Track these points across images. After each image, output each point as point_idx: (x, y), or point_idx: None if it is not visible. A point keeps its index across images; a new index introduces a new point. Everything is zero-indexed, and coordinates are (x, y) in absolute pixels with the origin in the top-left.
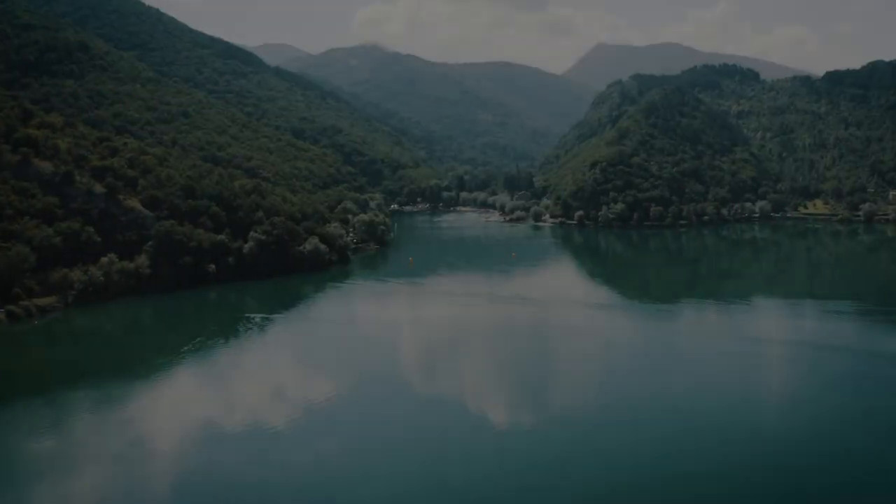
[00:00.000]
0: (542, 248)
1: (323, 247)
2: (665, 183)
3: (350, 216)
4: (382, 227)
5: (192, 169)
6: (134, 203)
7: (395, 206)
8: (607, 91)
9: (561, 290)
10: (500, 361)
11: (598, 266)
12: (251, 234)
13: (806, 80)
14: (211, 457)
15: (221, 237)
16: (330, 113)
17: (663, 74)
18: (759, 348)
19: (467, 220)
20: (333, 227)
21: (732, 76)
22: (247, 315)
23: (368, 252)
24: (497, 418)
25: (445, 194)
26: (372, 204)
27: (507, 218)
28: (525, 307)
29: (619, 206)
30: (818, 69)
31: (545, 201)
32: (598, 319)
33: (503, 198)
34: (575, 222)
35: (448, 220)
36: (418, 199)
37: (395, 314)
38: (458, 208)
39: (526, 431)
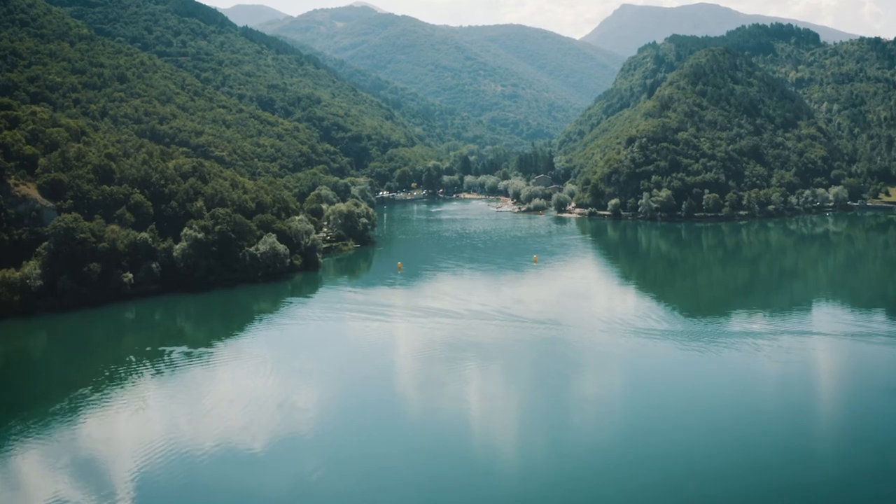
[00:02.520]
0: (570, 248)
1: (282, 247)
2: (719, 164)
3: (325, 206)
4: (364, 219)
5: (116, 145)
6: (29, 190)
7: (384, 193)
8: (639, 56)
9: (593, 306)
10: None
11: (639, 271)
12: (185, 230)
13: (876, 43)
14: None
15: (144, 235)
16: (307, 81)
17: (706, 36)
18: (823, 385)
19: (473, 211)
20: (298, 222)
21: (787, 38)
22: (163, 348)
23: (345, 252)
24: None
25: (446, 178)
26: (354, 190)
27: (523, 208)
28: (550, 333)
29: (664, 193)
30: (877, 35)
31: (569, 186)
32: (635, 349)
33: (517, 183)
34: (608, 213)
35: (449, 210)
36: (413, 185)
37: (368, 354)
38: (462, 195)
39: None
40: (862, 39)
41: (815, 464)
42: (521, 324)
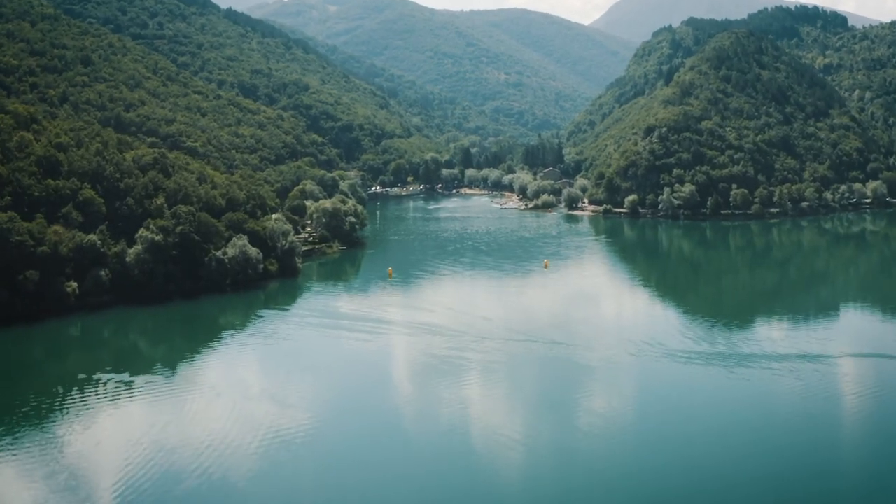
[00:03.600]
0: (584, 251)
1: (254, 251)
2: (747, 156)
3: (309, 203)
4: (352, 218)
5: (69, 134)
6: None
7: (376, 188)
8: (653, 40)
9: (609, 322)
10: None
11: (660, 279)
12: (140, 231)
13: None
14: None
15: (93, 238)
16: (294, 67)
17: (725, 19)
18: (857, 413)
19: (475, 208)
20: (274, 221)
21: (813, 22)
22: (110, 373)
23: (330, 255)
24: None
25: (445, 172)
26: (343, 185)
27: (530, 204)
28: (561, 354)
29: (688, 188)
30: None
31: (581, 181)
32: (654, 371)
33: (523, 177)
34: (625, 210)
35: (449, 206)
36: (409, 179)
37: (349, 383)
38: (463, 191)
39: None
40: (894, 23)
41: None
42: (530, 344)
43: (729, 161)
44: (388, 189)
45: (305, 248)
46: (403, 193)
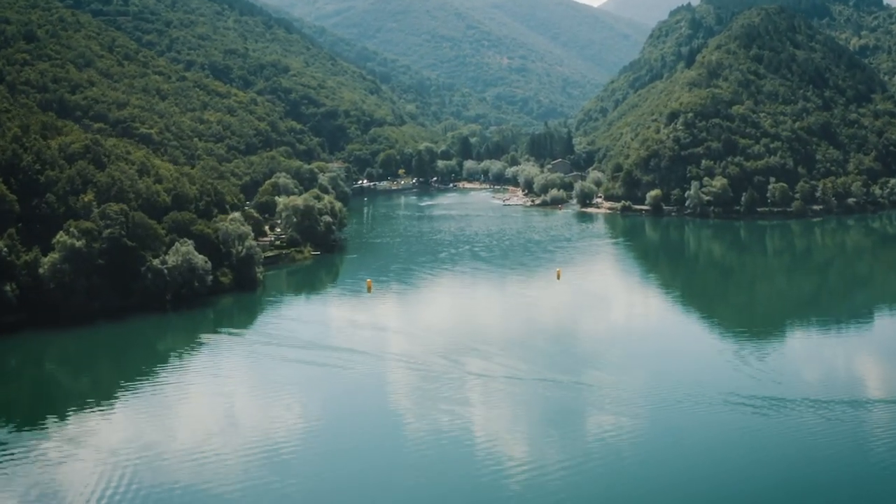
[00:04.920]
0: (601, 257)
1: (201, 259)
2: (785, 145)
3: (281, 199)
4: (328, 217)
5: None
6: None
7: (363, 182)
8: (671, 20)
9: (631, 357)
10: None
11: (693, 289)
12: (58, 237)
13: None
14: None
15: None
16: (274, 47)
17: None
18: None
19: (474, 204)
20: (229, 222)
21: (845, 0)
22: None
23: (300, 262)
24: None
25: (441, 164)
26: (323, 178)
27: (537, 200)
28: (572, 398)
29: (718, 182)
30: None
31: (595, 174)
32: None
33: (529, 169)
34: (647, 207)
35: (444, 203)
36: (400, 171)
37: (307, 436)
38: (461, 184)
39: None
40: None
41: None
42: (539, 385)
43: (765, 151)
44: (377, 183)
45: (270, 255)
46: (393, 188)
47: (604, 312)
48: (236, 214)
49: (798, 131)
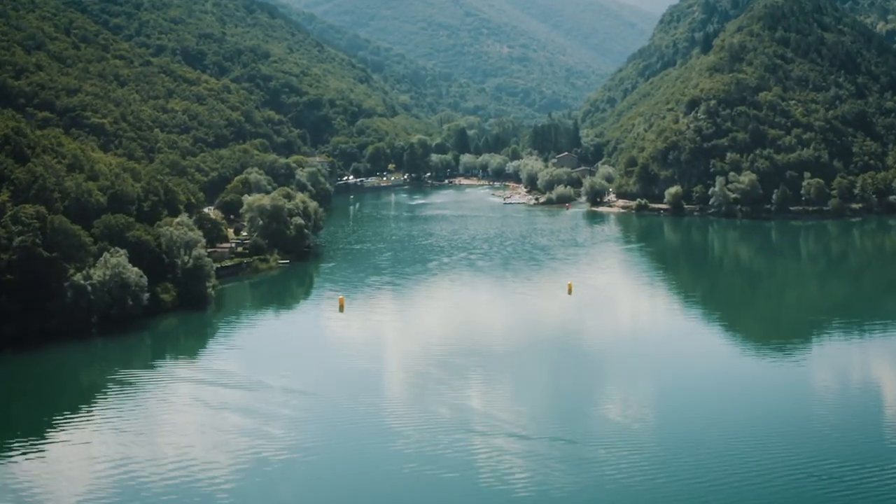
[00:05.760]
0: (616, 263)
1: (134, 273)
2: (819, 136)
3: (247, 198)
4: (299, 219)
5: None
6: None
7: (348, 178)
8: (682, 4)
9: (652, 405)
10: None
11: (715, 298)
12: None
13: None
14: None
15: None
16: (255, 32)
17: None
18: None
19: (472, 202)
20: (175, 227)
21: None
22: None
23: (265, 272)
24: None
25: (436, 158)
26: (301, 173)
27: (542, 198)
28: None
29: (747, 178)
30: None
31: (605, 169)
32: None
33: (532, 164)
34: (666, 206)
35: (438, 201)
36: (391, 166)
37: None
38: (458, 181)
39: None
40: None
41: None
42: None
43: (796, 142)
44: (363, 179)
45: (229, 264)
46: (383, 184)
47: (623, 338)
48: (184, 217)
49: (832, 121)
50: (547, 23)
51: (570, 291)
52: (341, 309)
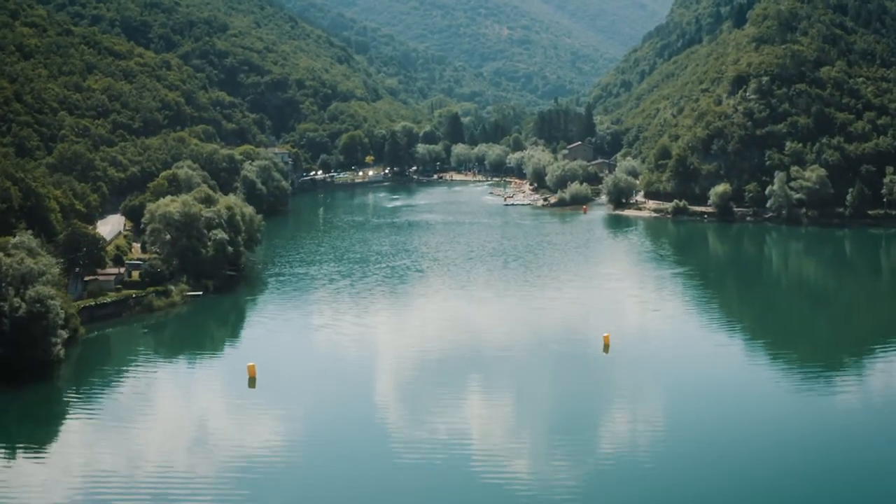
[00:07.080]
0: (653, 289)
1: None
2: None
3: (150, 205)
4: (221, 233)
5: None
6: None
7: (315, 174)
8: None
9: None
10: None
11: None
12: None
13: None
14: None
15: None
16: (216, 3)
17: None
18: None
19: (466, 204)
20: (12, 247)
21: None
22: None
23: (163, 312)
24: None
25: (423, 149)
26: (250, 168)
27: (552, 198)
28: None
29: (814, 174)
30: None
31: (627, 162)
32: None
33: (539, 156)
34: (711, 208)
35: (423, 202)
36: (368, 159)
37: None
38: (449, 176)
39: None
40: None
41: None
42: None
43: (870, 129)
44: (334, 174)
45: (108, 300)
46: (359, 180)
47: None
48: (24, 237)
49: None
50: (550, 3)
51: (606, 348)
52: (252, 382)
